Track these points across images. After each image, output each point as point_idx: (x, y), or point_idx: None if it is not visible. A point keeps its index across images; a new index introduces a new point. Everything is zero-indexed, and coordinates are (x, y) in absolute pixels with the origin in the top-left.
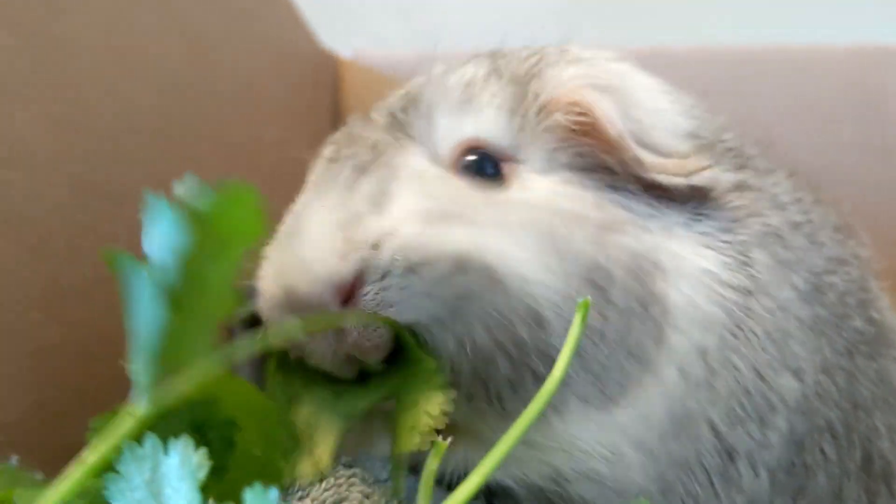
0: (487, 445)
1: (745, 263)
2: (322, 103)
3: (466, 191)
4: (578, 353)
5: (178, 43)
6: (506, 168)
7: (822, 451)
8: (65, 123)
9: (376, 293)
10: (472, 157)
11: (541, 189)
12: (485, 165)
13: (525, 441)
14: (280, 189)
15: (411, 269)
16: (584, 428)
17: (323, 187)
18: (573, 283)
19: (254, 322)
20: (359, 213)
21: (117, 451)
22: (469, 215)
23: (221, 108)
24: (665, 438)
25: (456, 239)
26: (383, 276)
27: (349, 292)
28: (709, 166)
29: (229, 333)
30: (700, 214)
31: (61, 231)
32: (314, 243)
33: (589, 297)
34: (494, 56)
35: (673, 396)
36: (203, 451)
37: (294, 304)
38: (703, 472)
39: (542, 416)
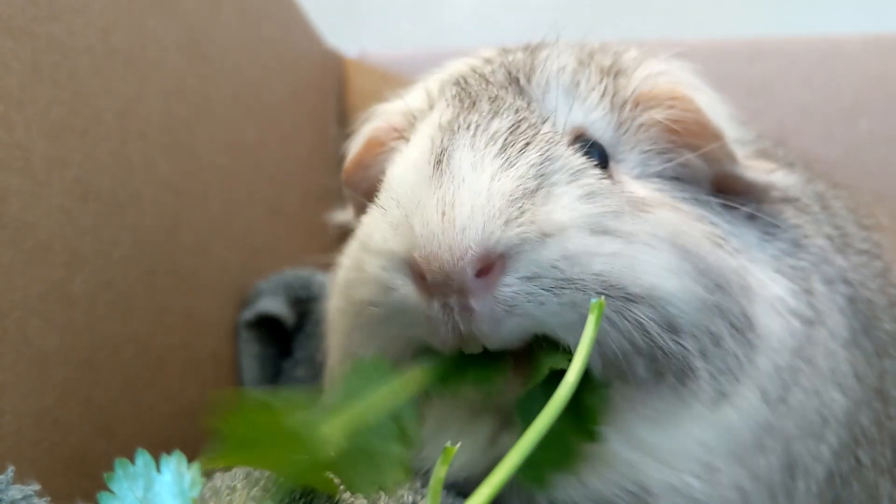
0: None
1: (808, 292)
2: (327, 102)
3: (611, 192)
4: (704, 353)
5: (180, 44)
6: (611, 164)
7: (857, 458)
8: (64, 127)
9: (523, 292)
10: (582, 144)
11: (646, 195)
12: (593, 153)
13: (629, 443)
14: (285, 188)
15: (568, 280)
16: (696, 424)
17: (470, 135)
18: (701, 283)
19: (259, 323)
20: (530, 189)
21: None
22: (618, 223)
23: (225, 110)
24: (752, 450)
25: (609, 256)
26: (533, 276)
27: (489, 266)
28: (777, 167)
29: (234, 335)
30: (767, 234)
31: (62, 236)
32: (483, 195)
33: (603, 299)
34: (569, 47)
35: (757, 409)
36: (195, 466)
37: (429, 254)
38: (770, 489)
39: (672, 412)
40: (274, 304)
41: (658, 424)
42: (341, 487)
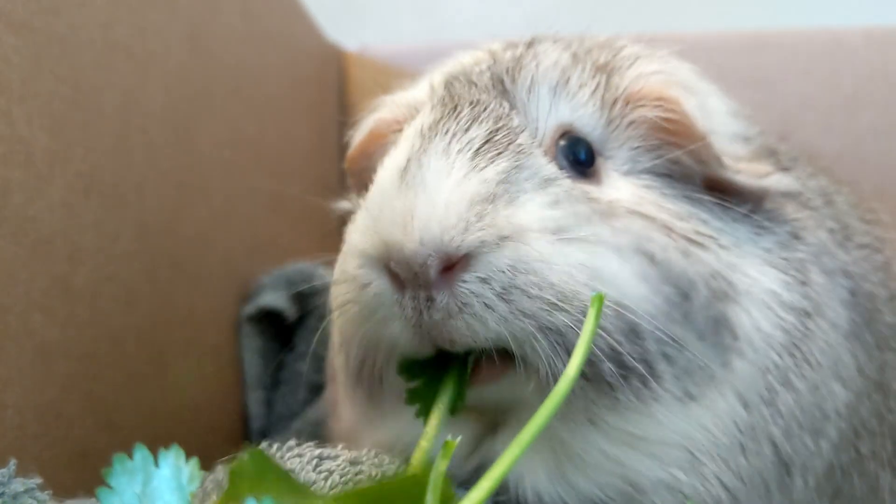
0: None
1: (804, 283)
2: (327, 96)
3: (578, 200)
4: (667, 356)
5: (181, 38)
6: (598, 161)
7: (857, 450)
8: (65, 121)
9: (476, 292)
10: (568, 141)
11: (629, 192)
12: (578, 150)
13: (611, 437)
14: (285, 181)
15: (518, 287)
16: (670, 417)
17: (446, 142)
18: (665, 292)
19: (261, 317)
20: (494, 194)
21: None
22: (583, 231)
23: (226, 103)
24: (732, 450)
25: (568, 267)
26: (488, 277)
27: (451, 266)
28: (773, 171)
29: (236, 328)
30: (761, 228)
31: (63, 230)
32: (443, 202)
33: (604, 292)
34: (566, 42)
35: (734, 412)
36: (194, 461)
37: (394, 256)
38: (764, 485)
39: (644, 407)
40: (275, 299)
41: (633, 418)
42: None
